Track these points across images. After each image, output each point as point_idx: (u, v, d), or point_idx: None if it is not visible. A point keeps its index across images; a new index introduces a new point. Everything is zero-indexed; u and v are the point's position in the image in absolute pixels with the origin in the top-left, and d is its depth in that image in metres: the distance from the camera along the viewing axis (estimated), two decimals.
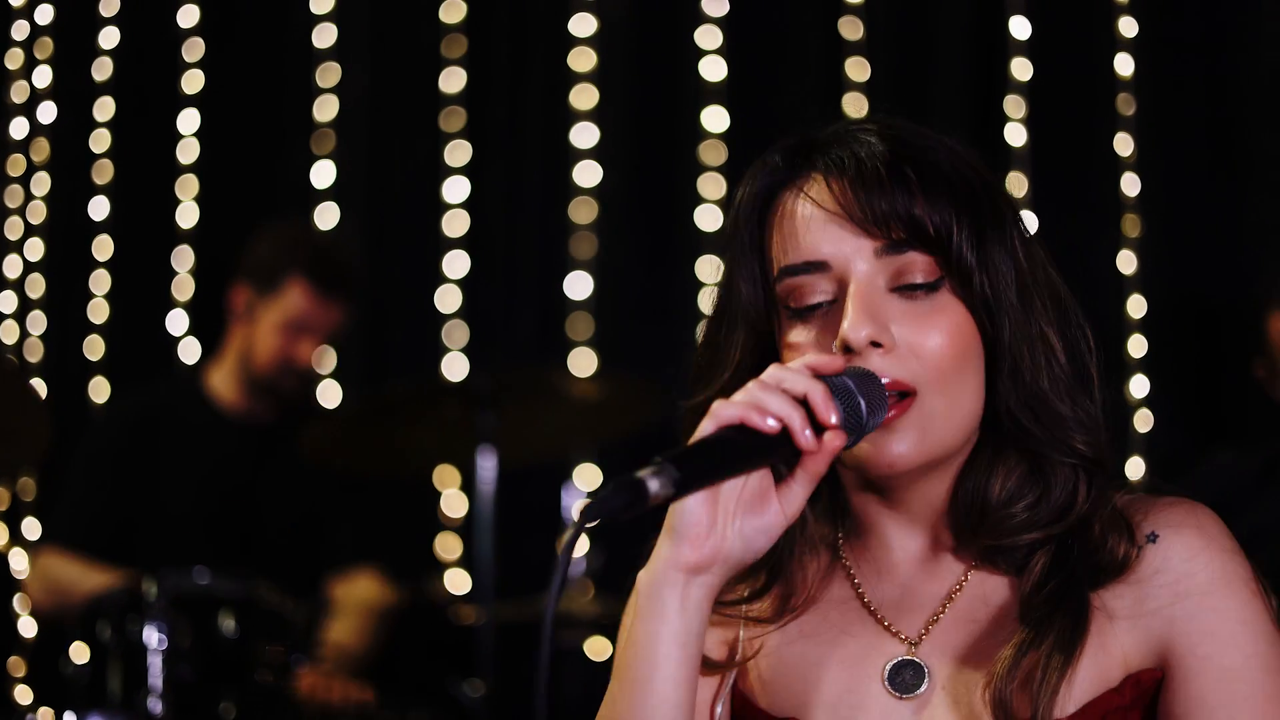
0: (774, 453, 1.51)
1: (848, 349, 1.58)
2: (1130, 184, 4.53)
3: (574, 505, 4.66)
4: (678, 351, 1.80)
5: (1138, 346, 4.50)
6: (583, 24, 4.91)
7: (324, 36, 5.12)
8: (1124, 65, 4.54)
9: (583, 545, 4.63)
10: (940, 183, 1.61)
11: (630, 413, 3.95)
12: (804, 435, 1.49)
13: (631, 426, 3.98)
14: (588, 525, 1.39)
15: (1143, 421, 4.49)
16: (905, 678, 1.64)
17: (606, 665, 2.63)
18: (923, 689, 1.63)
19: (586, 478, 4.74)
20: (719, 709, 1.70)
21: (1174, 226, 4.53)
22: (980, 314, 1.62)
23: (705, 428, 1.50)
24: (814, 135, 1.68)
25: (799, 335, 1.64)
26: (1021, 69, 4.58)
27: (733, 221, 1.70)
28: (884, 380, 1.57)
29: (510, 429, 3.75)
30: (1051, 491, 1.63)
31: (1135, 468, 4.48)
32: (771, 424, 1.48)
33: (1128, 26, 4.55)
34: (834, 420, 1.49)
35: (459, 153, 5.00)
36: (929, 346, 1.59)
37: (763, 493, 1.54)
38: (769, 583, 1.71)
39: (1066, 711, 1.56)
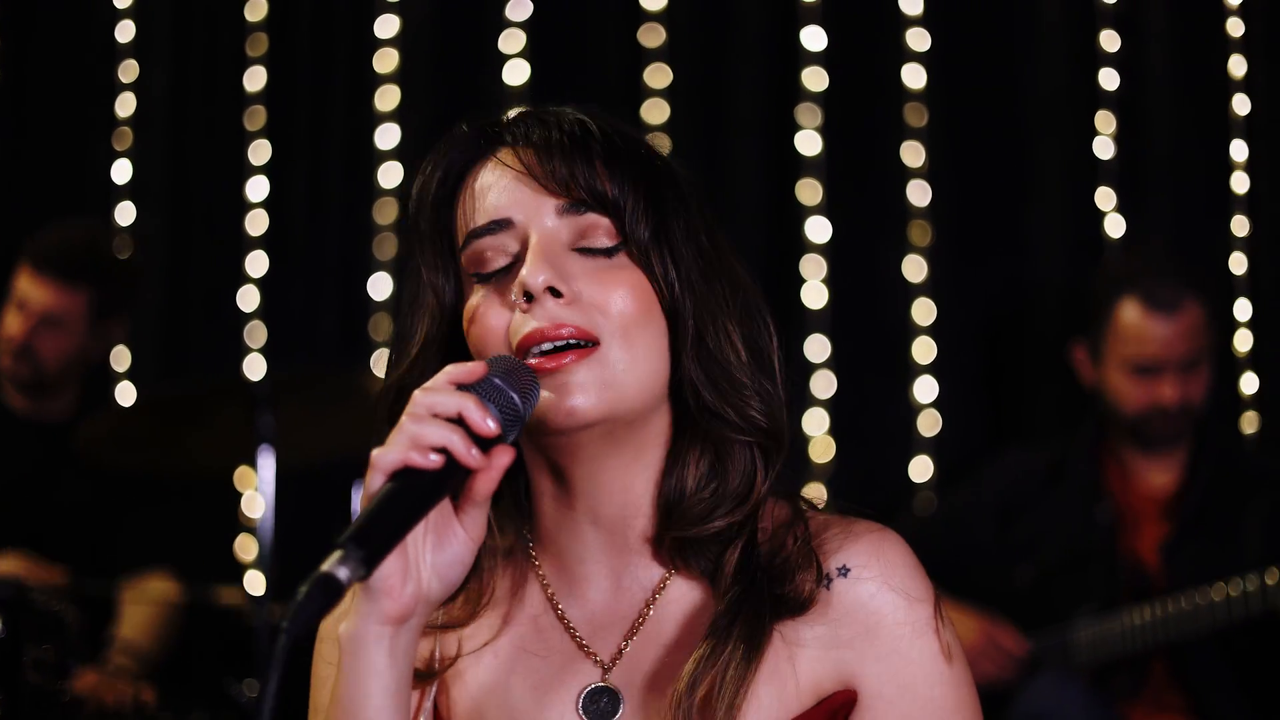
0: (445, 485, 1.48)
1: (527, 296, 1.60)
2: (920, 193, 4.64)
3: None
4: None
5: (925, 351, 4.61)
6: (386, 25, 4.92)
7: (125, 32, 5.08)
8: (915, 77, 4.66)
9: None
10: (621, 157, 1.65)
11: None
12: (470, 456, 1.48)
13: None
14: (294, 639, 1.34)
15: (930, 424, 4.60)
16: (601, 705, 1.64)
17: None
18: (618, 716, 1.64)
19: None
20: None
21: (962, 234, 4.66)
22: (660, 284, 1.64)
23: (372, 481, 1.46)
24: (501, 116, 1.72)
25: (481, 298, 1.65)
26: (815, 78, 4.67)
27: (418, 201, 1.71)
28: (566, 328, 1.59)
29: (301, 430, 3.75)
30: (730, 475, 1.65)
31: (923, 468, 4.59)
32: (434, 458, 1.46)
33: (919, 39, 4.66)
34: (492, 427, 1.49)
35: (260, 151, 4.98)
36: (610, 300, 1.61)
37: (445, 524, 1.53)
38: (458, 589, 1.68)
39: None
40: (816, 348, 4.59)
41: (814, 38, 4.68)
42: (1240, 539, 3.86)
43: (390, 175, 4.87)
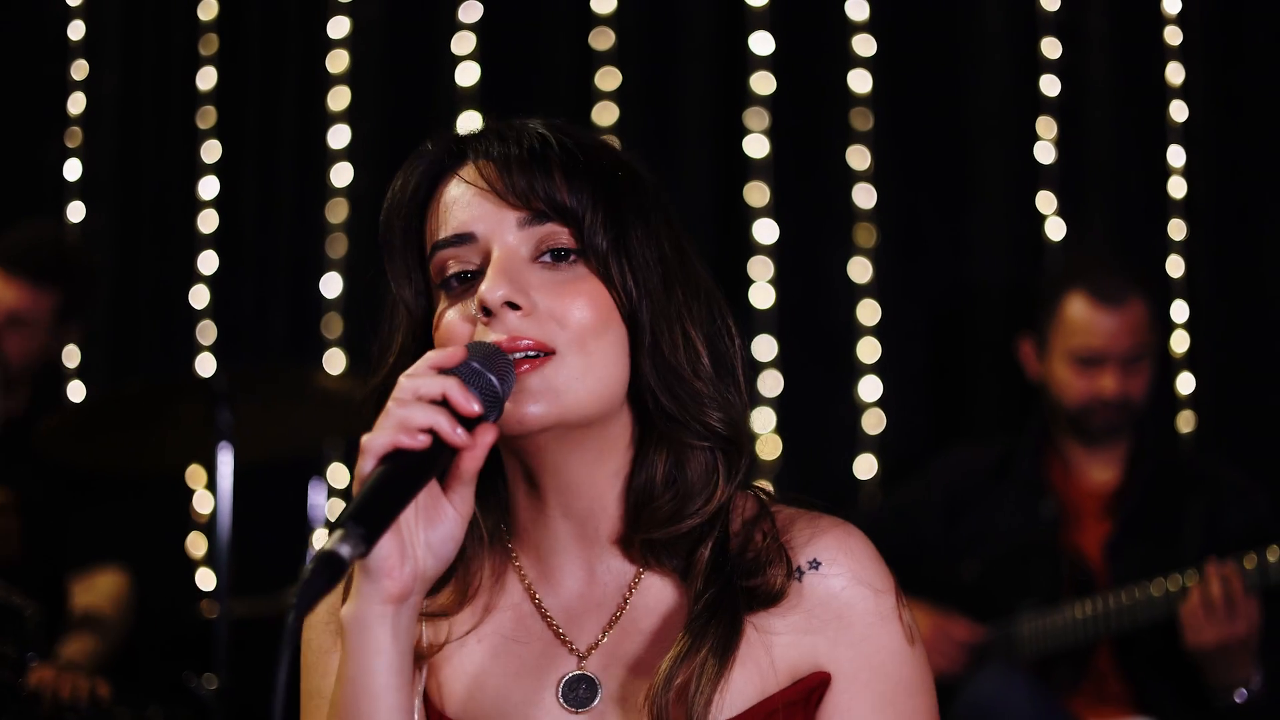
0: (435, 464, 1.55)
1: (486, 311, 1.65)
2: (865, 195, 4.71)
3: (324, 503, 4.71)
4: None
5: (870, 350, 4.69)
6: (338, 26, 4.96)
7: (77, 30, 5.10)
8: (861, 82, 4.73)
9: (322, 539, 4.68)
10: (580, 169, 1.71)
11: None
12: (456, 435, 1.54)
13: None
14: (301, 616, 1.41)
15: (874, 422, 4.68)
16: (579, 692, 1.71)
17: None
18: (595, 703, 1.70)
19: (338, 475, 4.78)
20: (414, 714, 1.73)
21: (906, 236, 4.74)
22: (618, 293, 1.70)
23: (364, 465, 1.53)
24: (469, 131, 1.77)
25: (447, 309, 1.71)
26: (763, 83, 4.74)
27: (388, 215, 1.77)
28: (524, 340, 1.64)
29: (256, 427, 3.78)
30: (689, 478, 1.72)
31: (867, 466, 4.67)
32: (422, 438, 1.53)
33: (864, 45, 4.73)
34: (476, 408, 1.55)
35: (211, 150, 5.00)
36: (568, 311, 1.66)
37: (435, 502, 1.59)
38: (445, 577, 1.75)
39: (725, 716, 1.65)
40: (763, 347, 4.66)
41: (762, 42, 4.74)
42: (1180, 537, 3.95)
43: (342, 175, 4.91)
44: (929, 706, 1.74)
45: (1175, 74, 4.62)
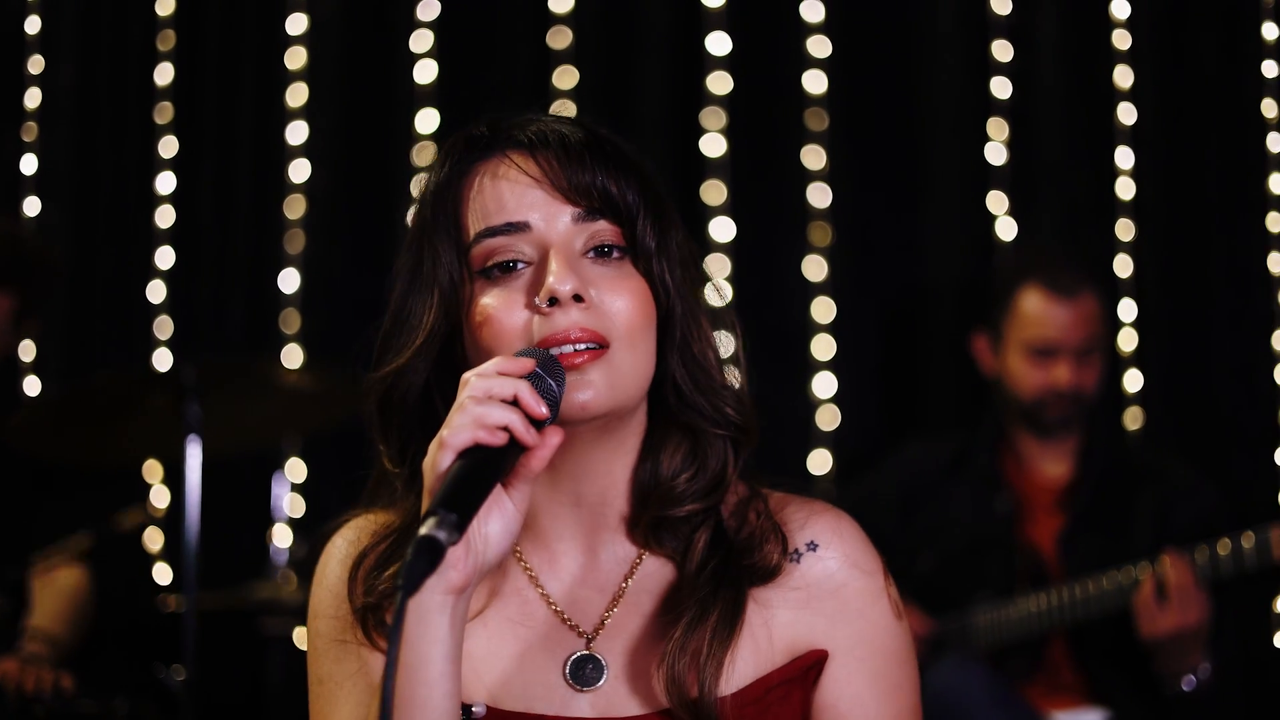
0: (506, 461, 1.61)
1: (552, 301, 1.70)
2: (820, 195, 4.77)
3: (283, 497, 4.72)
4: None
5: (825, 348, 4.75)
6: (296, 23, 4.97)
7: (33, 25, 5.09)
8: (816, 83, 4.79)
9: (286, 536, 4.71)
10: (630, 170, 1.78)
11: (337, 406, 4.03)
12: (529, 434, 1.61)
13: (337, 420, 4.07)
14: (408, 598, 1.47)
15: (829, 419, 4.74)
16: (586, 671, 1.77)
17: None
18: (602, 682, 1.77)
19: (296, 470, 4.79)
20: None
21: (860, 235, 4.80)
22: (658, 290, 1.77)
23: (443, 459, 1.58)
24: (508, 118, 1.82)
25: (493, 298, 1.74)
26: (720, 82, 4.79)
27: (431, 194, 1.80)
28: (584, 331, 1.70)
29: (218, 420, 3.80)
30: (709, 463, 1.81)
31: (822, 461, 4.72)
32: (500, 435, 1.59)
33: (820, 46, 4.79)
34: (544, 411, 1.62)
35: (169, 146, 5.00)
36: (619, 307, 1.73)
37: (497, 499, 1.65)
38: None
39: (730, 690, 1.73)
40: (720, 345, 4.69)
41: (718, 43, 4.79)
42: (1130, 531, 4.03)
43: (300, 171, 4.92)
44: (913, 674, 1.86)
45: (1123, 77, 4.71)
